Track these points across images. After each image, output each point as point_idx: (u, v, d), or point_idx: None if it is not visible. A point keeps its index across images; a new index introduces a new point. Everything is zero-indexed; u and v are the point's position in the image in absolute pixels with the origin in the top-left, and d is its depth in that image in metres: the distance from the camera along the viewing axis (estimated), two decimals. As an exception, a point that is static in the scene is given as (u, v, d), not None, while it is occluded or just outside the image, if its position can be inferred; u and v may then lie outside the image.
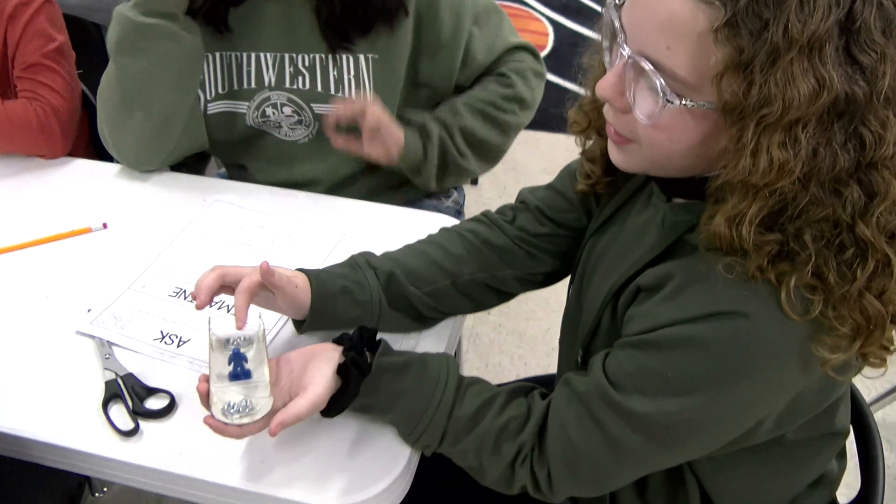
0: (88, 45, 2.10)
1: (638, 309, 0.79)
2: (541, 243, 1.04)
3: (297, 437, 0.88)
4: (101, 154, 1.60)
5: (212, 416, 0.80)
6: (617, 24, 0.70)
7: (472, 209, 1.27)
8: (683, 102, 0.66)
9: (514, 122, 1.36)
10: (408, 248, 1.04)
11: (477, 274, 1.02)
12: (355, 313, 0.96)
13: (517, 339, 2.17)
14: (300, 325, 0.97)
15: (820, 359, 0.69)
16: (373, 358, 0.86)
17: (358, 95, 1.27)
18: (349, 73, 1.26)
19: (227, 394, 0.82)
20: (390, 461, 0.86)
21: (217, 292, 0.89)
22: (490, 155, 1.39)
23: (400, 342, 1.00)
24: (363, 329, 0.88)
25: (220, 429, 0.80)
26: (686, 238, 0.78)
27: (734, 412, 0.75)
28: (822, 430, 0.87)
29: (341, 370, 0.83)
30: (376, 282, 0.97)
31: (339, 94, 1.28)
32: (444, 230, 1.07)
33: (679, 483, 0.88)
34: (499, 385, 0.90)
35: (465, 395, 0.86)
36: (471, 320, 2.23)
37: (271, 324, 1.03)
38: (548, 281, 1.08)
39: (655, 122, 0.68)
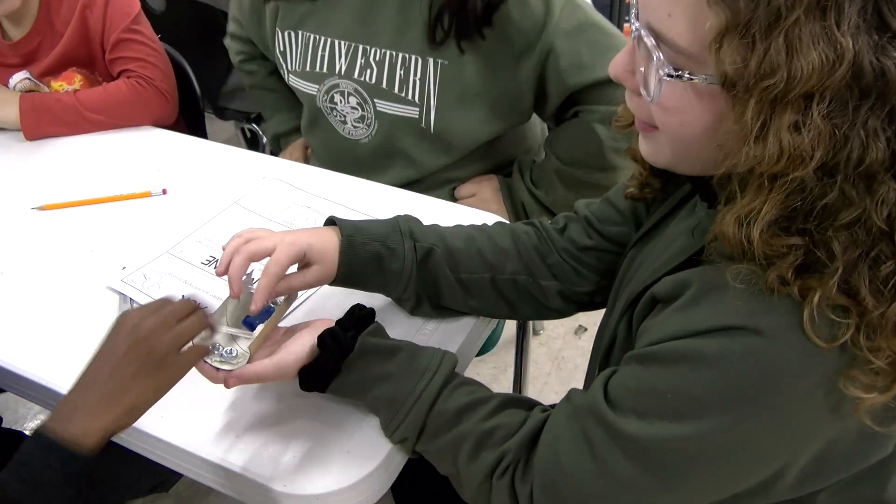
0: (217, 30, 2.21)
1: (652, 321, 0.70)
2: (587, 258, 0.96)
3: (276, 418, 0.85)
4: (190, 124, 1.66)
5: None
6: None
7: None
8: (679, 74, 0.59)
9: (618, 163, 1.28)
10: (457, 227, 0.98)
11: (520, 275, 0.96)
12: (382, 280, 0.92)
13: (601, 366, 2.05)
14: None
15: (852, 399, 0.58)
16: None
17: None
18: (415, 74, 1.23)
19: (219, 336, 0.81)
20: (365, 457, 0.81)
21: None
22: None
23: (414, 335, 0.95)
24: (357, 307, 0.84)
25: (199, 365, 0.78)
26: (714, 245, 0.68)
27: (741, 450, 0.63)
28: (866, 500, 0.73)
29: (319, 342, 0.80)
30: (413, 254, 0.91)
31: (403, 93, 1.24)
32: (497, 224, 1.01)
33: None
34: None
35: (453, 391, 0.79)
36: (560, 343, 2.14)
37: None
38: (592, 303, 0.99)
39: (662, 101, 0.61)
